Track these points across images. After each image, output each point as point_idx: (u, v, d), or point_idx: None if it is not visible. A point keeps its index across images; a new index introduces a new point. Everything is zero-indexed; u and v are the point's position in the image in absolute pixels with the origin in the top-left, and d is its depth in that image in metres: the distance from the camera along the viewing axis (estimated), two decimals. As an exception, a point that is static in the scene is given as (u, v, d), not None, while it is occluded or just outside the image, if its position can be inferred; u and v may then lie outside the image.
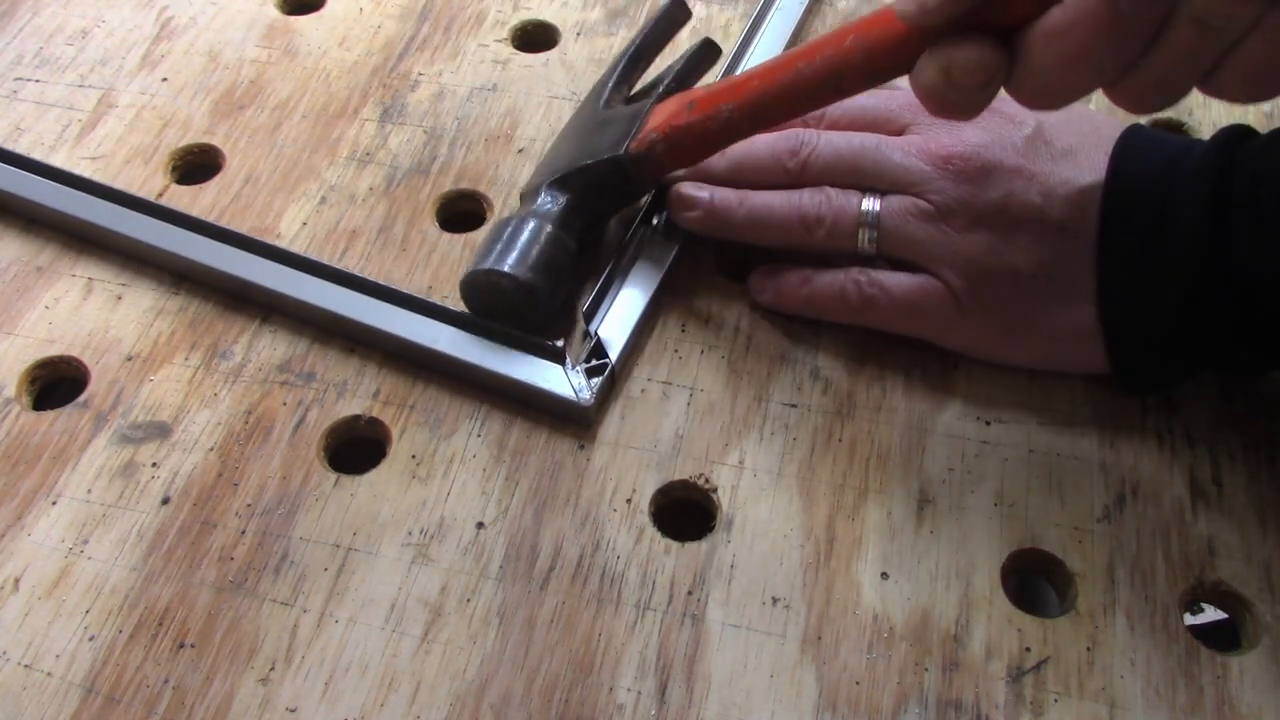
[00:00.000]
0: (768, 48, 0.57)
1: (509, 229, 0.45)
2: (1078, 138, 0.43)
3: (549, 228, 0.45)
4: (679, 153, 0.45)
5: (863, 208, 0.44)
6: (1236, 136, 0.40)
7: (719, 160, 0.47)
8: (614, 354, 0.44)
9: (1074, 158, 0.43)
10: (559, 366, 0.43)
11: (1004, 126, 0.44)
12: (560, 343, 0.43)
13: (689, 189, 0.47)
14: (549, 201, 0.46)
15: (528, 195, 0.48)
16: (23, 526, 0.41)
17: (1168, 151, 0.42)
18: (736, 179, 0.47)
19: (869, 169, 0.45)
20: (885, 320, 0.45)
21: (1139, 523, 0.41)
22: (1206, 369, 0.43)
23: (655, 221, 0.49)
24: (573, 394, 0.43)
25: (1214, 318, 0.40)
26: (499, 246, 0.44)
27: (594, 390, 0.43)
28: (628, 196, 0.48)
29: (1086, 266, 0.42)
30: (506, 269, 0.43)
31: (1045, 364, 0.45)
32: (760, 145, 0.47)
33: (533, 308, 0.44)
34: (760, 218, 0.46)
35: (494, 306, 0.45)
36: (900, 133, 0.46)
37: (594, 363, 0.44)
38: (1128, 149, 0.42)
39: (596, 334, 0.45)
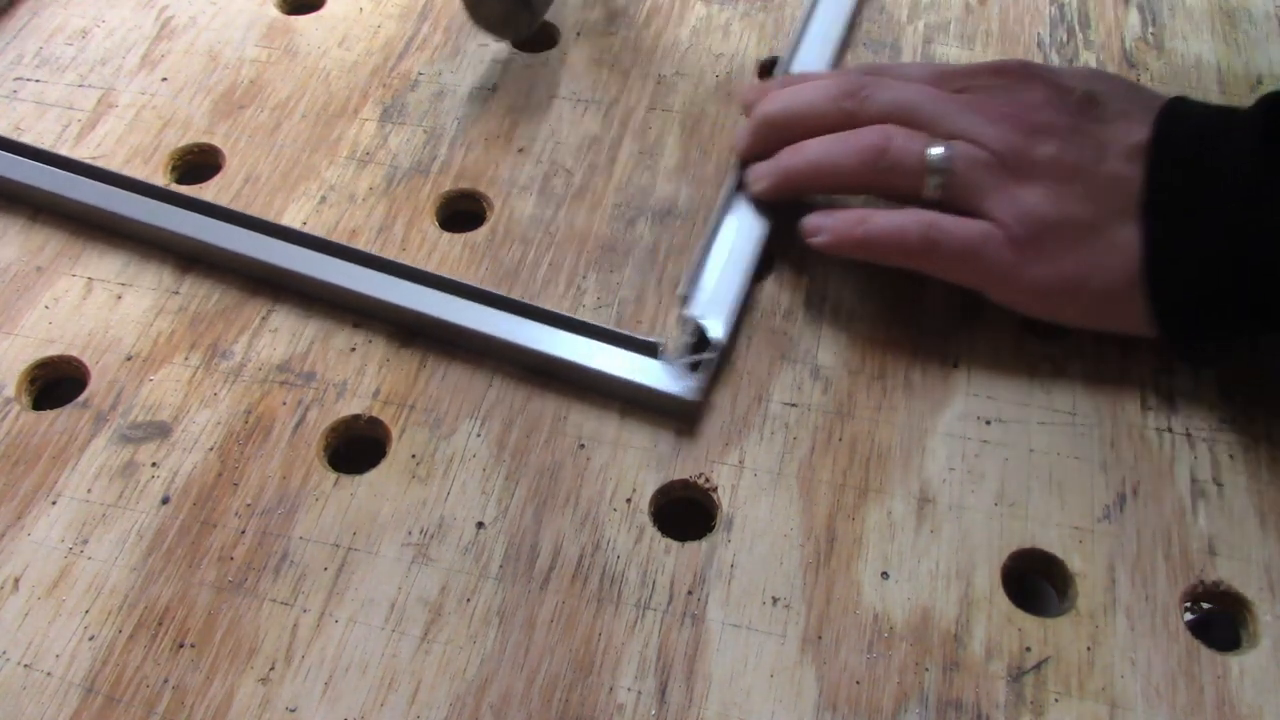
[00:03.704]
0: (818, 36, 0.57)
1: None
2: (1130, 104, 0.45)
3: None
4: None
5: (930, 152, 0.44)
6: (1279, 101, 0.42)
7: (774, 105, 0.48)
8: (722, 331, 0.44)
9: (1128, 119, 0.44)
10: (654, 361, 0.43)
11: (1058, 93, 0.45)
12: (656, 338, 0.43)
13: (758, 167, 0.49)
14: None
15: None
16: (22, 526, 0.41)
17: (1213, 113, 0.43)
18: (792, 122, 0.48)
19: (926, 119, 0.45)
20: (943, 266, 0.45)
21: (1139, 523, 0.41)
22: (1250, 325, 0.43)
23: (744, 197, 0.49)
24: (676, 389, 0.42)
25: (1257, 267, 0.40)
26: None
27: (699, 384, 0.43)
28: None
29: (1135, 217, 0.43)
30: None
31: (1094, 322, 0.45)
32: (816, 90, 0.48)
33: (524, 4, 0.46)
34: (820, 160, 0.46)
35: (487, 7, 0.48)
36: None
37: (693, 357, 0.43)
38: (1174, 110, 0.44)
39: (697, 319, 0.44)
